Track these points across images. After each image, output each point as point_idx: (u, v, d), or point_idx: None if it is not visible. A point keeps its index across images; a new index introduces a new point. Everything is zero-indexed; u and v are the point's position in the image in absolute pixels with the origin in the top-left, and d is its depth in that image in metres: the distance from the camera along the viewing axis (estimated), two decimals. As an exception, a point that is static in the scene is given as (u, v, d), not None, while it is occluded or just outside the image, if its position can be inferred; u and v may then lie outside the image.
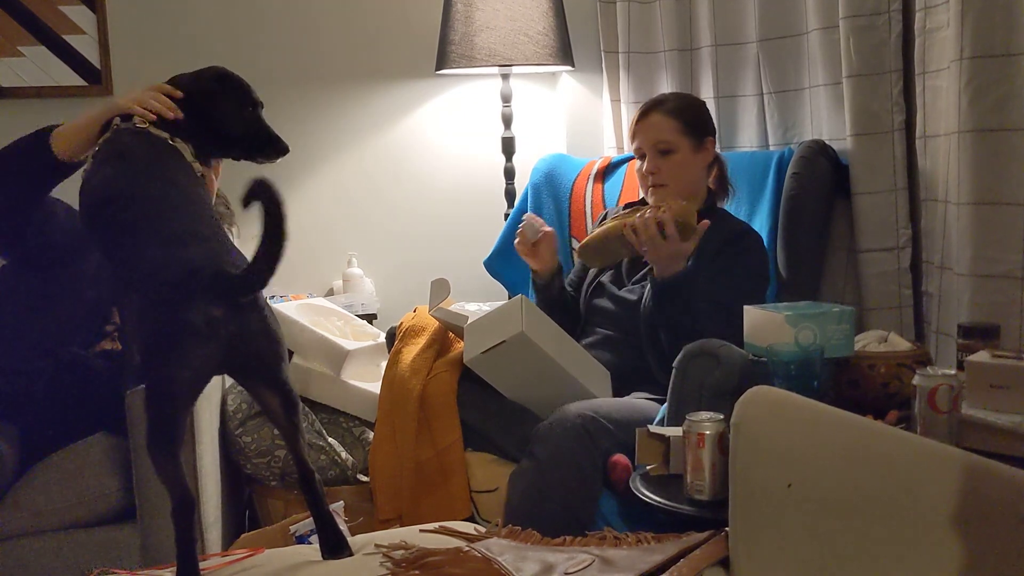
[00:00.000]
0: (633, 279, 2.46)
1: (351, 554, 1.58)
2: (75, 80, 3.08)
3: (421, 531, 1.66)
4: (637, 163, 2.50)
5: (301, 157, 3.27)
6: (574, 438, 2.05)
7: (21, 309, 2.36)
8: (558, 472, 2.03)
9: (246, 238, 2.15)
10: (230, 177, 2.12)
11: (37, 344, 2.34)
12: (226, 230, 1.76)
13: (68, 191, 2.02)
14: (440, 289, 2.49)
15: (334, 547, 1.59)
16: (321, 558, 1.59)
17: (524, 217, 2.54)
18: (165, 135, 1.84)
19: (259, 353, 1.55)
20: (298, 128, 3.26)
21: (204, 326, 1.46)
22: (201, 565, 1.53)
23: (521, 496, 2.06)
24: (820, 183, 2.51)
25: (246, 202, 1.45)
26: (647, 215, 2.21)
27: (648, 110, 2.45)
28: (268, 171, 3.28)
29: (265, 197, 1.44)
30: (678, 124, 2.41)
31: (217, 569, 1.57)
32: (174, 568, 1.50)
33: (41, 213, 2.30)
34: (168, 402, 1.49)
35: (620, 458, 2.03)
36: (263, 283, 1.48)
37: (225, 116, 1.94)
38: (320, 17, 3.25)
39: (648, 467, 1.93)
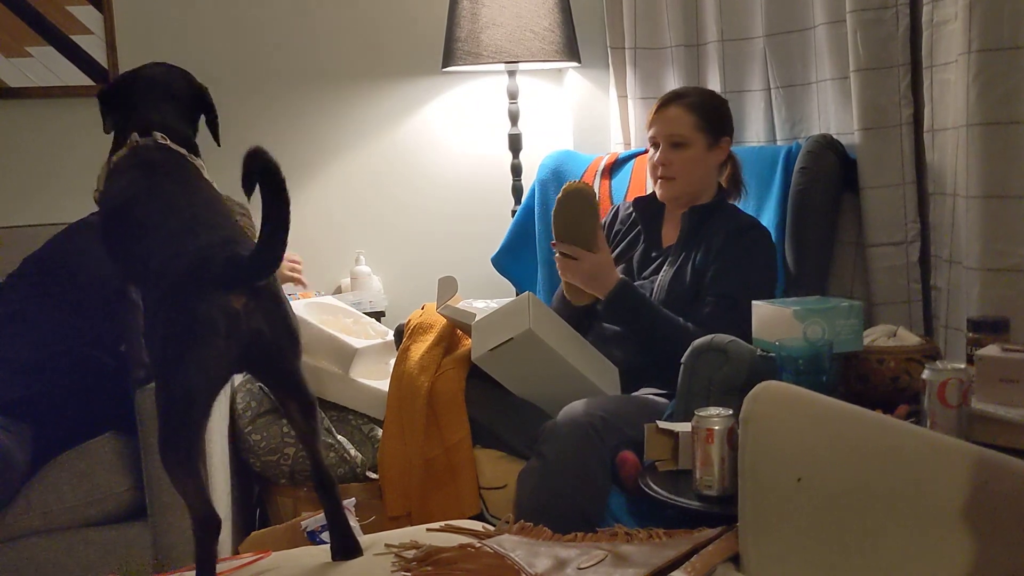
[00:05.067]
0: (643, 273, 2.46)
1: (361, 555, 1.58)
2: (83, 80, 3.09)
3: (428, 530, 1.66)
4: (650, 152, 2.50)
5: (308, 155, 3.27)
6: (582, 436, 2.04)
7: (31, 310, 2.36)
8: (566, 471, 2.03)
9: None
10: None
11: (47, 343, 2.34)
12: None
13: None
14: (447, 287, 2.49)
15: (346, 551, 1.58)
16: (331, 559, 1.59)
17: None
18: (183, 151, 1.85)
19: (280, 351, 1.51)
20: (304, 126, 3.26)
21: (222, 320, 1.41)
22: None
23: (530, 495, 2.06)
24: (828, 178, 2.51)
25: (248, 180, 1.39)
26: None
27: (668, 102, 2.46)
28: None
29: (260, 168, 1.38)
30: (696, 120, 2.41)
31: (227, 575, 1.56)
32: (183, 573, 1.48)
33: None
34: (186, 407, 1.43)
35: (628, 455, 2.03)
36: (276, 260, 1.44)
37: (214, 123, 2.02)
38: (326, 16, 3.25)
39: (657, 463, 1.93)
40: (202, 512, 1.45)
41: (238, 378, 2.48)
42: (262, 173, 1.38)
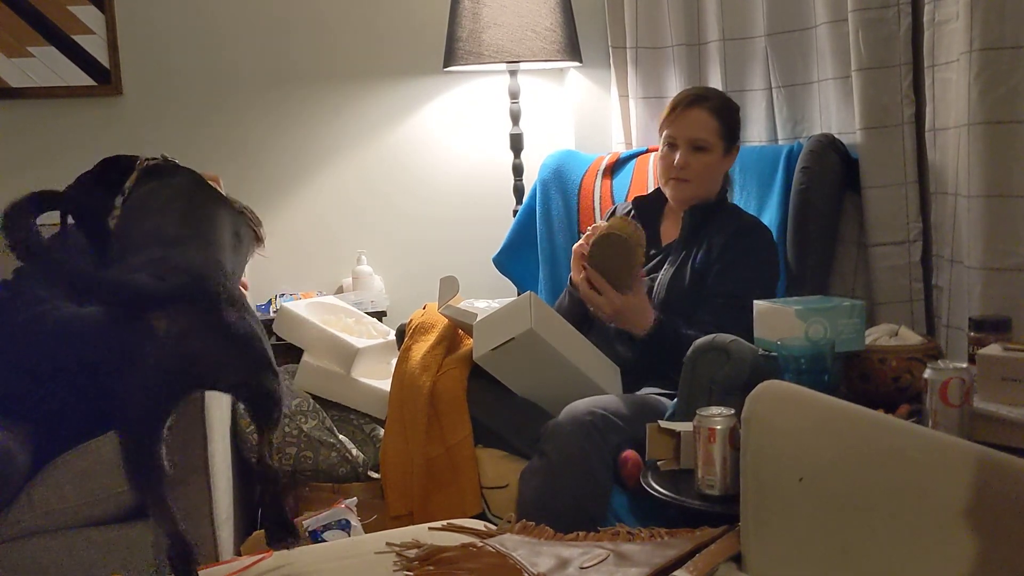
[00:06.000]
0: (642, 269, 2.46)
1: (297, 538, 1.57)
2: (84, 80, 3.09)
3: (430, 529, 1.66)
4: (661, 150, 2.47)
5: (309, 155, 3.27)
6: (584, 435, 2.05)
7: (32, 311, 2.36)
8: (569, 469, 2.03)
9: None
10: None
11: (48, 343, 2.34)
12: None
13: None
14: (449, 287, 2.49)
15: (280, 538, 1.57)
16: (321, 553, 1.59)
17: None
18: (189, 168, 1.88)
19: (232, 369, 1.43)
20: (306, 126, 3.26)
21: (146, 342, 1.35)
22: (211, 572, 1.51)
23: (533, 494, 2.06)
24: (830, 177, 2.51)
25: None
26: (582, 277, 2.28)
27: (693, 103, 2.43)
28: (275, 171, 3.30)
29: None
30: (719, 126, 2.41)
31: (229, 578, 1.57)
32: None
33: None
34: (134, 433, 1.39)
35: (630, 454, 2.04)
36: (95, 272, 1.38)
37: None
38: (328, 16, 3.25)
39: (659, 462, 1.93)
40: (172, 537, 1.43)
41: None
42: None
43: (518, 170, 3.21)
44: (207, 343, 1.39)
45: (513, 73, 3.14)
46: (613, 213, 2.64)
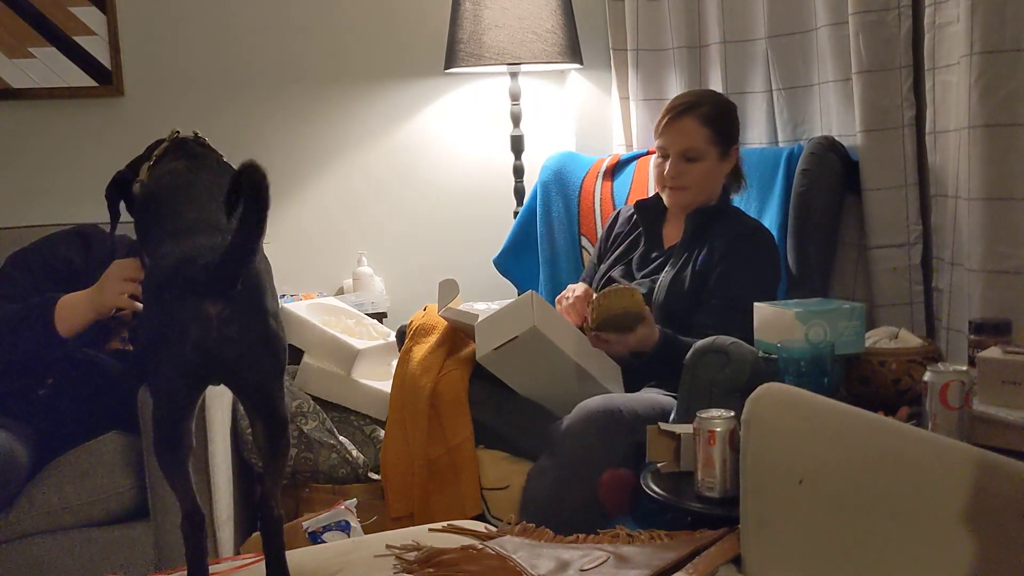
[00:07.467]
0: (643, 272, 2.46)
1: None
2: (86, 81, 3.09)
3: (430, 530, 1.66)
4: (655, 159, 2.48)
5: (310, 156, 3.28)
6: (596, 434, 2.04)
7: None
8: (581, 469, 2.03)
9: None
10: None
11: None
12: None
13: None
14: (449, 289, 2.49)
15: None
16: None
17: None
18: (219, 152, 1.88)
19: (252, 362, 1.44)
20: (307, 127, 3.27)
21: (194, 326, 1.38)
22: (210, 569, 1.52)
23: (543, 494, 2.06)
24: (830, 179, 2.51)
25: (235, 192, 1.37)
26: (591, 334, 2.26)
27: (681, 114, 2.41)
28: (276, 172, 3.31)
29: (250, 184, 1.36)
30: (710, 133, 2.40)
31: (227, 574, 1.57)
32: (182, 572, 1.48)
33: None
34: (164, 409, 1.42)
35: (612, 475, 2.02)
36: (238, 272, 1.39)
37: None
38: (329, 17, 3.25)
39: (659, 464, 1.93)
40: (187, 506, 1.45)
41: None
42: (249, 187, 1.36)
43: (519, 172, 3.22)
44: (245, 334, 1.42)
45: (514, 75, 3.15)
46: (616, 218, 2.64)
